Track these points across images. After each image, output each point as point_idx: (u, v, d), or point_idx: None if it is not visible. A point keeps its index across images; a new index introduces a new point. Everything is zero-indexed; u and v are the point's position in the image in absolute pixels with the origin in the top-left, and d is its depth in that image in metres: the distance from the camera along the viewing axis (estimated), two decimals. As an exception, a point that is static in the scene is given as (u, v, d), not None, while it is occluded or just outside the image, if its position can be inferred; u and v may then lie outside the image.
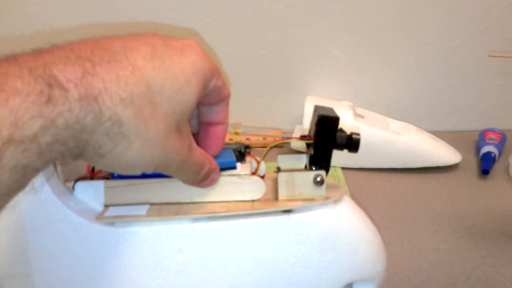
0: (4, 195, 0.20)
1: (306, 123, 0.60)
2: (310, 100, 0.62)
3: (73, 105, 0.21)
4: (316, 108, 0.34)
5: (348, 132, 0.32)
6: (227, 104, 0.31)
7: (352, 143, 0.32)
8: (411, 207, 0.53)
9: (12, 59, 0.21)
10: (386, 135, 0.59)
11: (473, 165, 0.62)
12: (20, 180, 0.21)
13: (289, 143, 0.64)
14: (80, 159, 0.23)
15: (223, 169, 0.31)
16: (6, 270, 0.31)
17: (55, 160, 0.22)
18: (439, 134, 0.64)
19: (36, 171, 0.21)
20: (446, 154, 0.60)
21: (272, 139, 0.67)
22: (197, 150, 0.28)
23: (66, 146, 0.22)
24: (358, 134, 0.32)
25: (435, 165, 0.59)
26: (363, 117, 0.61)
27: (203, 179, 0.29)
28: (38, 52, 0.22)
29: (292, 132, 0.68)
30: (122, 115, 0.23)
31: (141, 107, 0.23)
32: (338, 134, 0.31)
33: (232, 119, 0.68)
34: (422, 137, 0.61)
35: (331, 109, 0.33)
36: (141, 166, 0.25)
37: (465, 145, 0.66)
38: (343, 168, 0.61)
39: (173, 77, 0.25)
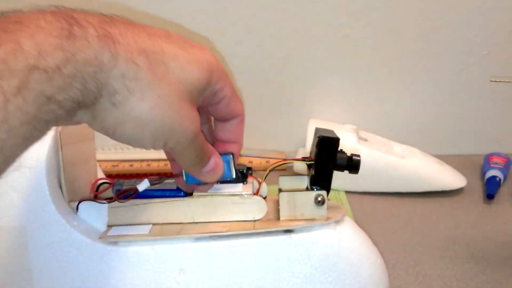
0: (30, 123, 0.21)
1: (309, 146, 0.60)
2: (313, 123, 0.62)
3: (91, 42, 0.23)
4: (317, 130, 0.34)
5: (349, 154, 0.33)
6: (240, 123, 0.32)
7: (352, 164, 0.32)
8: (416, 231, 0.53)
9: (36, 9, 0.23)
10: (390, 159, 0.59)
11: (478, 190, 0.61)
12: (43, 110, 0.22)
13: (292, 166, 0.64)
14: (95, 108, 0.24)
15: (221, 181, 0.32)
16: (9, 290, 0.31)
17: (74, 99, 0.23)
18: (444, 158, 0.64)
19: (59, 105, 0.22)
20: (451, 178, 0.60)
21: (274, 161, 0.67)
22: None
23: (85, 85, 0.23)
24: (358, 156, 0.33)
25: (440, 189, 0.59)
26: (366, 140, 0.62)
27: (206, 161, 0.29)
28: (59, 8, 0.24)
29: (295, 155, 0.68)
30: (138, 61, 0.24)
31: (155, 64, 0.24)
32: (339, 155, 0.32)
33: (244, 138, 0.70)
34: (426, 161, 0.61)
35: (331, 131, 0.34)
36: (152, 129, 0.25)
37: (470, 169, 0.66)
38: (346, 192, 0.61)
39: (185, 53, 0.26)
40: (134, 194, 0.31)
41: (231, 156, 0.32)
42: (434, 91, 0.69)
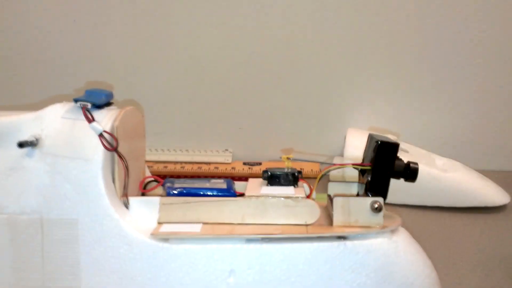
0: None
1: (348, 155, 0.59)
2: (351, 132, 0.61)
3: None
4: (372, 135, 0.33)
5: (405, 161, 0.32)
6: None
7: (409, 172, 0.31)
8: (459, 248, 0.51)
9: None
10: (432, 172, 0.57)
11: (523, 207, 0.59)
12: None
13: (328, 175, 0.63)
14: None
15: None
16: (55, 284, 0.31)
17: None
18: (486, 173, 0.62)
19: None
20: (495, 195, 0.58)
21: (310, 170, 0.67)
22: None
23: None
24: (416, 163, 0.32)
25: (482, 205, 0.57)
26: (407, 152, 0.60)
27: None
28: None
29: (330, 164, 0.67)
30: None
31: None
32: (396, 162, 0.31)
33: (281, 145, 0.68)
34: (469, 175, 0.59)
35: (387, 137, 0.33)
36: None
37: (513, 186, 0.63)
38: (386, 204, 0.59)
39: None
40: None
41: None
42: (476, 105, 0.68)
